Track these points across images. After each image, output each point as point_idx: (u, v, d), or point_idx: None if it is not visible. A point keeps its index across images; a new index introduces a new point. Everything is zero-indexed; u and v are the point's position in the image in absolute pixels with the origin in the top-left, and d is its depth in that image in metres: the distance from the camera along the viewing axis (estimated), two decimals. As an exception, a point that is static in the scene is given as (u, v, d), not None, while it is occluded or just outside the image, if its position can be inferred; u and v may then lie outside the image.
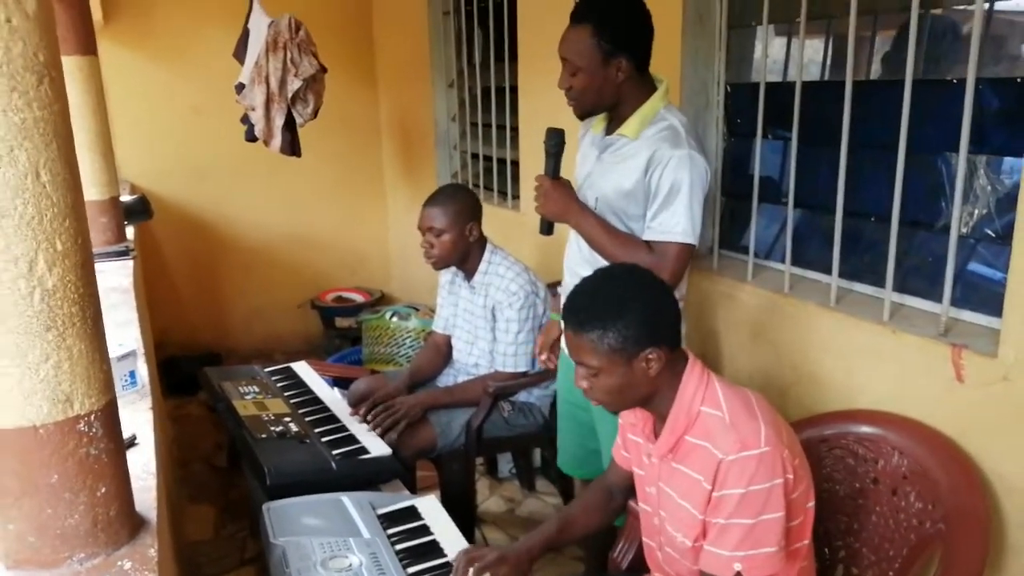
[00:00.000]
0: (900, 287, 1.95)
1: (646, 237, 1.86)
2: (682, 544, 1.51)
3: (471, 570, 1.53)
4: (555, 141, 1.94)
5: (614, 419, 1.74)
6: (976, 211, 1.87)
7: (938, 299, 1.82)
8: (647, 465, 1.60)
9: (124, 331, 2.25)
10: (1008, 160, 1.84)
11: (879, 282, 1.97)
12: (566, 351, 2.06)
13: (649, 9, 1.83)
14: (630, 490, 1.73)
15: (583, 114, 1.95)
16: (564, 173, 1.95)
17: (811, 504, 1.49)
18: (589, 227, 1.90)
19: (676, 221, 1.80)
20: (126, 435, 1.39)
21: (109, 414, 1.20)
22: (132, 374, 1.93)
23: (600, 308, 1.44)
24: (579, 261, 2.01)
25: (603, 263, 1.86)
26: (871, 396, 1.90)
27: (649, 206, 1.85)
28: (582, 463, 2.27)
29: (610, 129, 1.94)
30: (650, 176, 1.83)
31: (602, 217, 1.91)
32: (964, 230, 1.86)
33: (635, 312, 1.42)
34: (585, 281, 1.53)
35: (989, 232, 1.86)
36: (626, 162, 1.88)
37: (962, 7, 1.91)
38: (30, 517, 1.15)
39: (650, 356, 1.43)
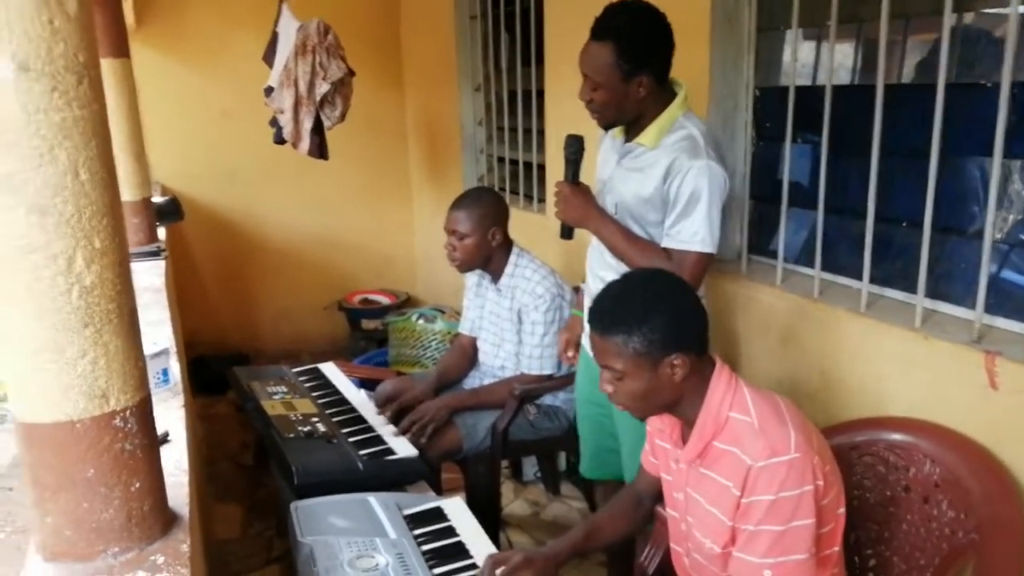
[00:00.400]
0: (932, 293, 1.92)
1: (665, 245, 1.87)
2: (710, 550, 1.50)
3: (498, 572, 1.53)
4: (574, 148, 1.95)
5: (636, 423, 1.73)
6: (1010, 217, 1.85)
7: (971, 305, 1.79)
8: (675, 471, 1.60)
9: (157, 330, 2.28)
10: (1043, 165, 1.81)
11: (911, 288, 1.95)
12: (589, 352, 2.06)
13: (670, 22, 1.82)
14: (658, 496, 1.73)
15: (606, 126, 1.96)
16: (586, 174, 1.95)
17: (841, 511, 1.48)
18: (608, 233, 1.91)
19: (695, 230, 1.81)
20: (159, 432, 1.41)
21: (144, 410, 1.21)
22: (165, 372, 1.96)
23: (626, 312, 1.43)
24: (602, 264, 2.02)
25: (624, 267, 1.87)
26: (902, 403, 1.87)
27: (668, 215, 1.86)
28: (602, 465, 2.27)
29: (629, 136, 1.95)
30: (669, 185, 1.83)
31: (622, 223, 1.92)
32: (998, 236, 1.83)
33: (660, 317, 1.42)
34: (611, 285, 1.53)
35: (1023, 238, 1.84)
36: (645, 170, 1.88)
37: (995, 11, 1.89)
38: (66, 511, 1.17)
39: (675, 362, 1.42)
